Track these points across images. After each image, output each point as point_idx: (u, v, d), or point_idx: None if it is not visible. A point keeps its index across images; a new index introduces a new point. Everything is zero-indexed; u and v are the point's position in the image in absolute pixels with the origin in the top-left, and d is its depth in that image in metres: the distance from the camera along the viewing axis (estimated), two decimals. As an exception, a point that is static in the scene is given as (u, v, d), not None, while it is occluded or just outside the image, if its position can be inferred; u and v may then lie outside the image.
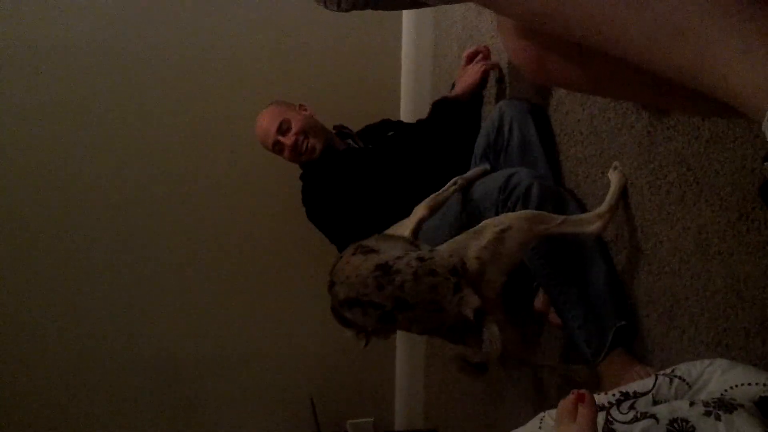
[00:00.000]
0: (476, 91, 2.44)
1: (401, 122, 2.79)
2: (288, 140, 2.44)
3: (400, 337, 3.36)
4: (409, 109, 3.15)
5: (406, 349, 3.36)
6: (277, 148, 2.48)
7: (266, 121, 2.48)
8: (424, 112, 2.60)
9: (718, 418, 1.03)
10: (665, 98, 0.85)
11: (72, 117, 2.87)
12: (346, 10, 1.30)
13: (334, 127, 2.63)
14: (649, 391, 1.19)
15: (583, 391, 1.05)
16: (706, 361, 1.21)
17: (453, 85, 2.53)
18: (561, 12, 0.62)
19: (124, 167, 2.94)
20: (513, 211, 1.77)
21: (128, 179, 2.95)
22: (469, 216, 1.95)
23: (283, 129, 2.45)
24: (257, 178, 3.07)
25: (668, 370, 1.23)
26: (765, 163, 0.59)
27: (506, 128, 2.05)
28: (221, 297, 3.11)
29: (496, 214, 1.81)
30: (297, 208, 2.60)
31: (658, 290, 1.56)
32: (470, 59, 2.44)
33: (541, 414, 1.26)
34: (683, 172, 1.48)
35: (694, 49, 0.56)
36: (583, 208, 1.86)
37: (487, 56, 2.42)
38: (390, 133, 2.53)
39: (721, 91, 0.57)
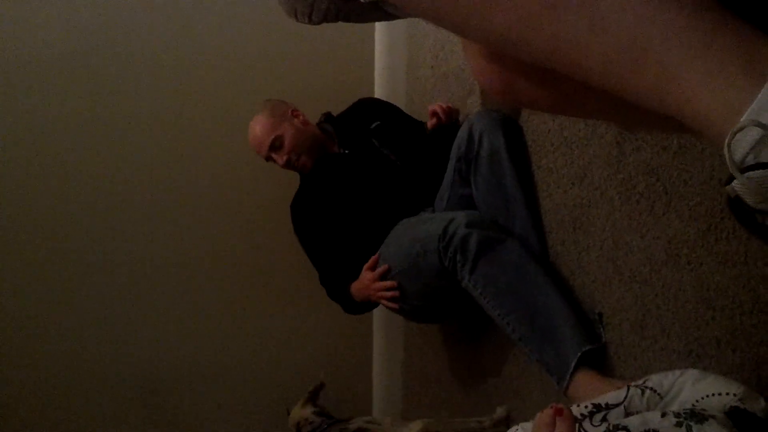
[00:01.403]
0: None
1: (379, 104, 2.77)
2: (280, 159, 2.46)
3: (377, 344, 3.36)
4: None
5: (383, 358, 3.35)
6: (269, 160, 2.50)
7: (260, 133, 2.46)
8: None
9: (689, 429, 1.03)
10: (635, 118, 0.85)
11: (66, 121, 2.87)
12: (317, 23, 1.29)
13: (318, 123, 2.62)
14: (621, 403, 1.19)
15: (561, 405, 1.05)
16: (678, 372, 1.21)
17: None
18: (523, 36, 0.62)
19: (103, 175, 2.93)
20: (454, 259, 1.88)
21: (107, 191, 2.94)
22: (417, 254, 2.03)
23: (275, 146, 2.44)
24: (241, 187, 3.08)
25: (640, 381, 1.23)
26: (726, 187, 0.59)
27: (476, 140, 2.07)
28: (200, 309, 3.09)
29: (440, 261, 1.92)
30: (281, 221, 2.60)
31: (630, 300, 1.57)
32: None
33: (515, 427, 1.26)
34: (652, 183, 1.49)
35: (655, 74, 0.57)
36: (525, 241, 1.95)
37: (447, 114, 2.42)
38: (374, 125, 2.52)
39: (683, 115, 0.57)
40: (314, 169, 2.48)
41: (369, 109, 2.64)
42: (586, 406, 1.19)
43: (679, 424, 1.05)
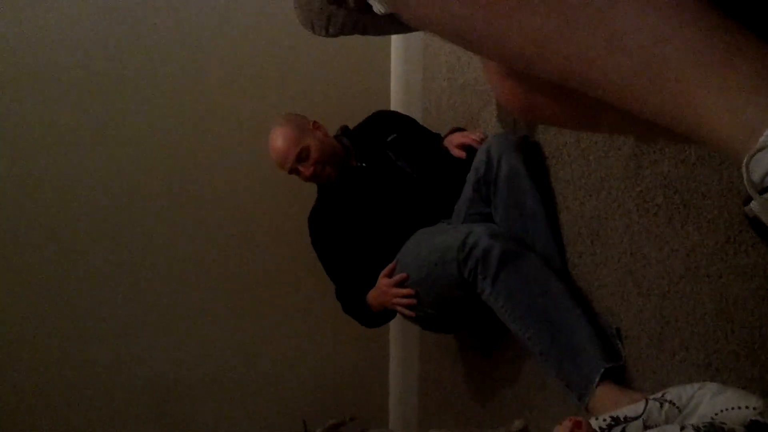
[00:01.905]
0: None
1: (395, 116, 2.77)
2: (307, 171, 2.43)
3: (394, 355, 3.36)
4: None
5: (399, 369, 3.35)
6: (294, 172, 2.48)
7: (284, 146, 2.44)
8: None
9: (709, 442, 1.03)
10: (653, 133, 0.85)
11: (69, 121, 2.88)
12: (334, 35, 1.30)
13: (336, 136, 2.61)
14: (640, 416, 1.19)
15: (579, 417, 1.06)
16: (696, 385, 1.21)
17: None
18: (539, 56, 0.63)
19: (116, 180, 2.94)
20: (475, 271, 1.89)
21: (120, 195, 2.94)
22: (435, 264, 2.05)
23: (302, 157, 2.42)
24: (253, 196, 3.09)
25: (659, 394, 1.23)
26: (745, 207, 0.59)
27: (495, 162, 2.06)
28: (212, 317, 3.10)
29: (458, 271, 1.93)
30: (292, 229, 2.59)
31: (648, 312, 1.57)
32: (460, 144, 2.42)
33: (533, 439, 1.26)
34: (670, 195, 1.49)
35: (672, 93, 0.57)
36: (547, 260, 1.93)
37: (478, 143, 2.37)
38: (390, 138, 2.52)
39: (700, 135, 0.57)
40: (333, 183, 2.49)
41: (385, 121, 2.64)
42: (604, 419, 1.20)
43: (698, 438, 1.05)
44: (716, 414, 1.14)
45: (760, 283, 1.25)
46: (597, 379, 1.64)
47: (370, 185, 2.42)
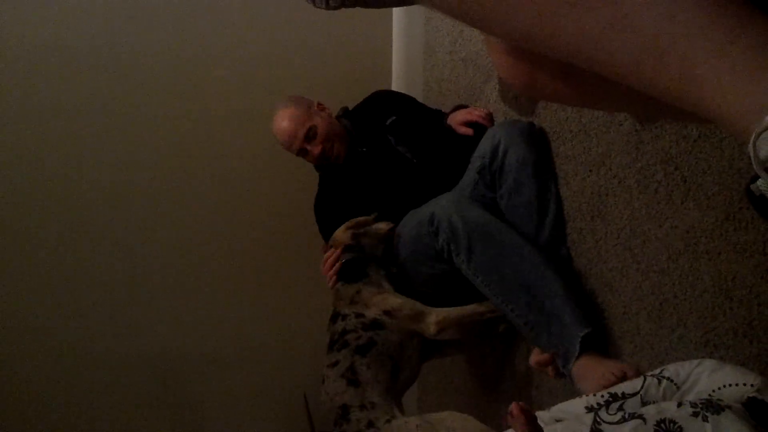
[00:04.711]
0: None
1: (394, 97, 2.73)
2: (316, 149, 2.42)
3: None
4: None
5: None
6: (302, 153, 2.46)
7: (291, 126, 2.42)
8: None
9: (705, 419, 1.04)
10: (659, 110, 0.85)
11: (73, 117, 2.90)
12: (335, 8, 1.29)
13: (337, 117, 2.59)
14: (638, 392, 1.20)
15: (512, 406, 1.07)
16: (695, 362, 1.21)
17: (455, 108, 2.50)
18: (545, 33, 0.62)
19: (121, 166, 2.96)
20: (448, 248, 1.93)
21: (124, 178, 2.96)
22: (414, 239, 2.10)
23: (309, 136, 2.41)
24: (254, 176, 3.09)
25: (657, 371, 1.23)
26: (751, 185, 0.59)
27: (500, 151, 2.05)
28: (214, 295, 3.12)
29: (433, 243, 1.97)
30: (292, 207, 2.58)
31: (647, 289, 1.57)
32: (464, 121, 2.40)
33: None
34: (671, 171, 1.48)
35: (678, 71, 0.56)
36: (526, 230, 1.95)
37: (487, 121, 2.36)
38: (390, 120, 2.49)
39: (707, 112, 0.57)
40: (333, 169, 2.48)
41: (384, 103, 2.62)
42: (602, 396, 1.20)
43: (695, 414, 1.05)
44: (714, 391, 1.14)
45: (759, 260, 1.25)
46: (578, 348, 1.67)
47: (371, 171, 2.40)
